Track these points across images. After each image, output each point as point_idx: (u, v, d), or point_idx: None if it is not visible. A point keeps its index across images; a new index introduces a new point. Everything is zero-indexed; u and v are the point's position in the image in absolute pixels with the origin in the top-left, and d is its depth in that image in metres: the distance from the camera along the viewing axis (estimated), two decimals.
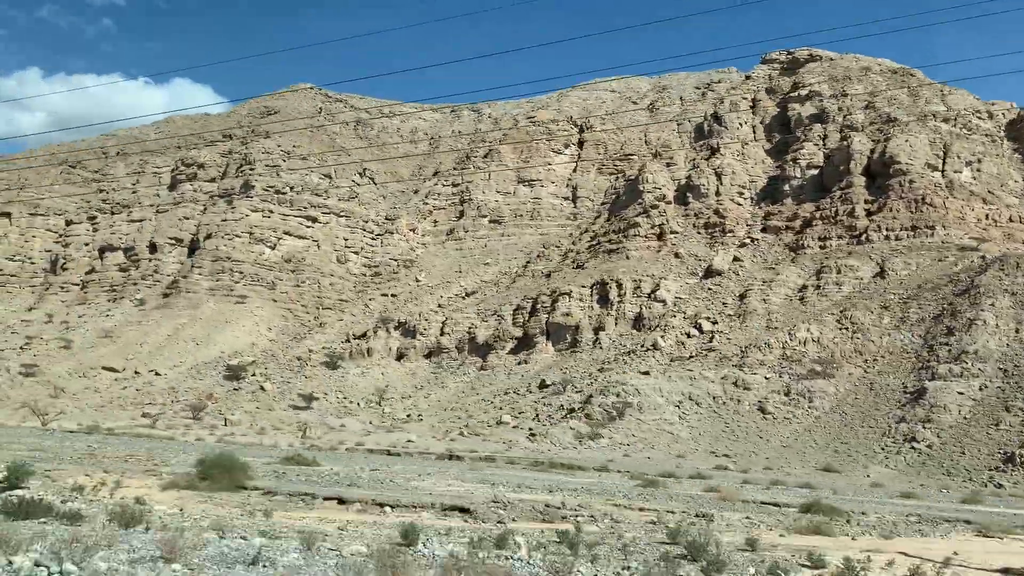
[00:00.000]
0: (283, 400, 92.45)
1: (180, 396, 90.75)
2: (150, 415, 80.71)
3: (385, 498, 24.32)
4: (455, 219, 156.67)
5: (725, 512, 25.86)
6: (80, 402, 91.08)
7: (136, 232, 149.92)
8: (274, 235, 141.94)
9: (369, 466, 37.69)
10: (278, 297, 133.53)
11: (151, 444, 49.86)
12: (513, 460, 45.55)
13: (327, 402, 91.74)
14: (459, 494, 26.07)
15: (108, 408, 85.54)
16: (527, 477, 36.67)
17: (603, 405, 63.59)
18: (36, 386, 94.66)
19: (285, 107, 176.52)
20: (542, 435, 61.14)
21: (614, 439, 59.37)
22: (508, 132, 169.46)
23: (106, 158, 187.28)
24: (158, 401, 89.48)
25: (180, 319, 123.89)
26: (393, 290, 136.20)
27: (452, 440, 62.71)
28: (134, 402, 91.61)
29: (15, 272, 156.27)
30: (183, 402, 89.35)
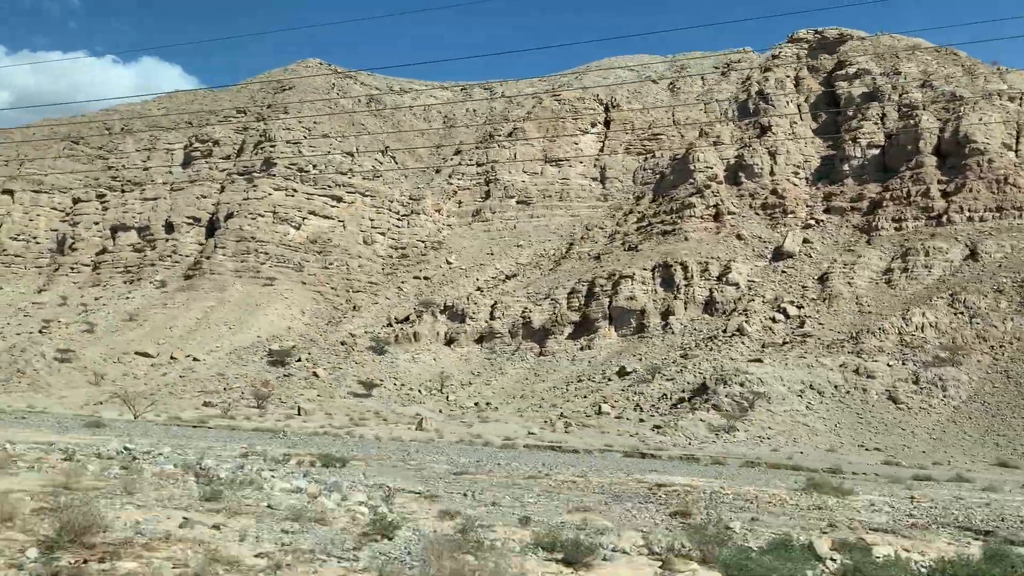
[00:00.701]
0: (339, 387, 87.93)
1: (231, 383, 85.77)
2: (212, 404, 75.80)
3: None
4: (481, 200, 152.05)
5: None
6: (123, 389, 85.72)
7: (150, 211, 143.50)
8: (299, 215, 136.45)
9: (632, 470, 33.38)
10: (307, 279, 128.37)
11: (296, 440, 45.29)
12: (719, 459, 41.60)
13: (386, 389, 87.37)
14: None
15: (157, 396, 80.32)
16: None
17: (732, 396, 60.11)
18: (74, 372, 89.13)
19: (299, 84, 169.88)
20: (670, 428, 57.44)
21: (750, 432, 55.95)
22: (532, 110, 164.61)
23: (110, 134, 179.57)
24: (209, 388, 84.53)
25: (207, 302, 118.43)
26: (424, 272, 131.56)
27: (568, 431, 58.79)
28: (181, 389, 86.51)
29: (20, 252, 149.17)
30: (235, 388, 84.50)
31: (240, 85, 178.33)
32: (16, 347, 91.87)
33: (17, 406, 67.48)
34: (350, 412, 74.97)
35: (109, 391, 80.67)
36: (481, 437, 52.30)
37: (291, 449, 35.01)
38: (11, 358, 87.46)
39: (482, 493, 22.16)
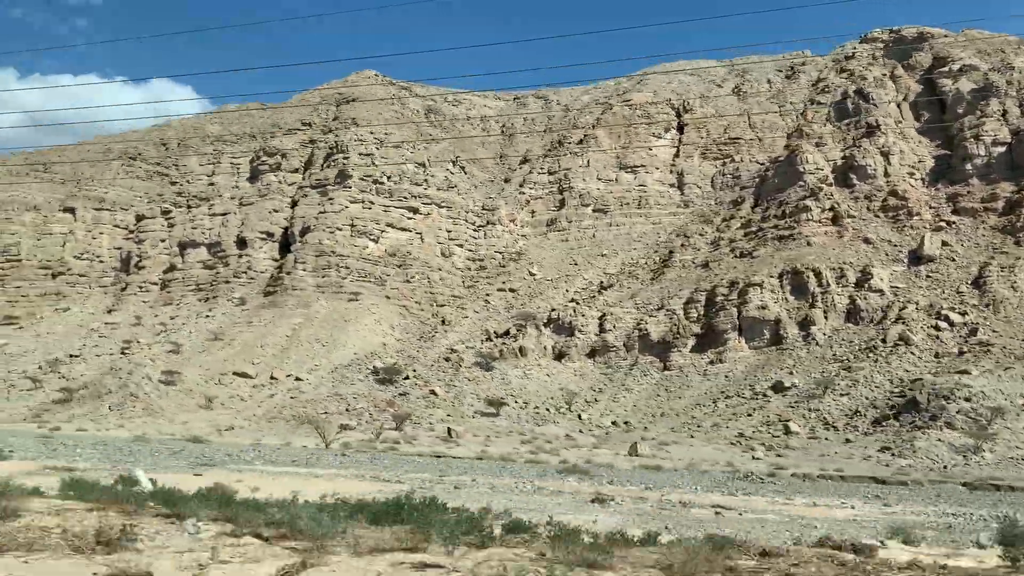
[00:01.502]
0: (460, 405, 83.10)
1: (351, 404, 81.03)
2: (351, 427, 71.03)
3: None
4: (555, 209, 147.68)
5: None
6: (238, 412, 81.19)
7: (220, 226, 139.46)
8: (377, 227, 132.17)
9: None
10: (390, 294, 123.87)
11: (502, 467, 40.50)
12: (1012, 485, 36.64)
13: (511, 408, 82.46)
14: None
15: (281, 419, 75.71)
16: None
17: (964, 412, 55.05)
18: (180, 395, 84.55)
19: (361, 96, 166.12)
20: (906, 449, 52.31)
21: (996, 451, 50.88)
22: (601, 116, 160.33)
23: (166, 149, 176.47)
24: (330, 410, 79.75)
25: (293, 319, 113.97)
26: (509, 284, 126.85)
27: (777, 454, 53.73)
28: (295, 411, 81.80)
29: (83, 271, 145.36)
30: (357, 410, 79.79)
31: (299, 97, 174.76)
32: (122, 370, 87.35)
33: (156, 432, 62.86)
34: (490, 433, 70.12)
35: (227, 413, 76.09)
36: (707, 461, 47.27)
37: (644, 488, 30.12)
38: (119, 381, 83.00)
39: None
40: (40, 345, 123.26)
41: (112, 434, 61.13)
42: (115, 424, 70.98)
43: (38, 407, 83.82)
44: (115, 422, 72.26)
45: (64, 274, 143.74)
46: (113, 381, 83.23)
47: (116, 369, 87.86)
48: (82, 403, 78.75)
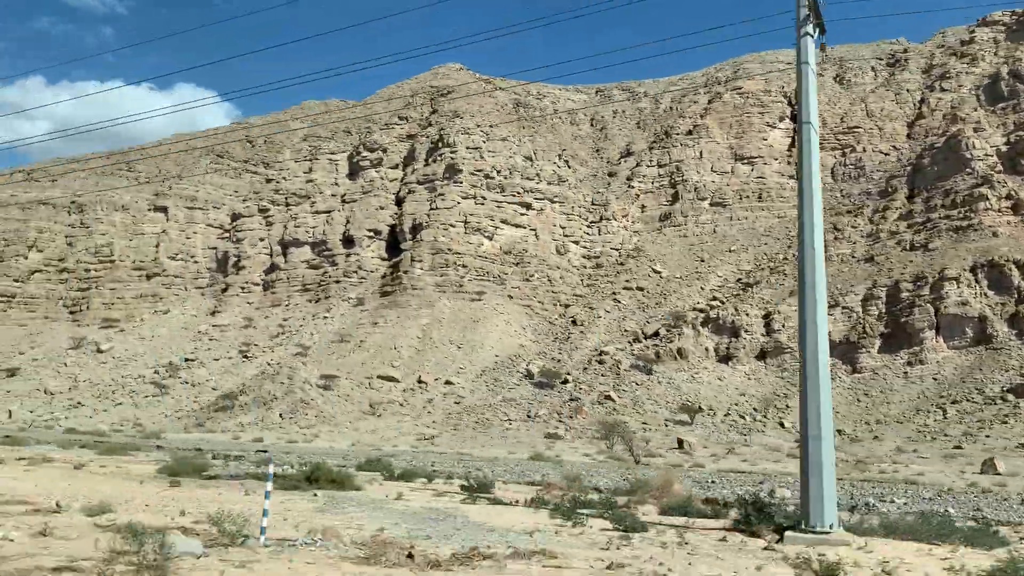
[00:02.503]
0: (642, 412, 76.45)
1: (535, 411, 74.68)
2: (559, 435, 64.64)
3: None
4: (667, 203, 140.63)
5: None
6: (412, 419, 75.17)
7: (325, 225, 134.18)
8: (491, 224, 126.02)
9: None
10: (512, 293, 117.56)
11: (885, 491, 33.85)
12: None
13: (703, 415, 75.64)
14: None
15: (465, 429, 69.56)
16: None
17: None
18: (341, 401, 78.64)
19: (455, 87, 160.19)
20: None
21: None
22: (710, 106, 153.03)
23: (252, 146, 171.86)
24: (512, 417, 73.47)
25: (419, 319, 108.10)
26: (635, 282, 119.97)
27: None
28: (460, 418, 75.65)
29: (178, 272, 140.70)
30: (541, 418, 73.44)
31: (388, 90, 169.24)
32: (279, 375, 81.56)
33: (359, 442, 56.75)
34: (713, 444, 63.36)
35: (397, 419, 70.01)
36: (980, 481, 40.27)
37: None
38: (283, 387, 77.19)
39: None
40: (147, 348, 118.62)
41: (316, 445, 55.18)
42: (299, 433, 65.22)
43: (197, 414, 78.23)
44: (296, 431, 66.52)
45: (159, 275, 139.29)
46: (276, 387, 77.40)
47: (274, 374, 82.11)
48: (246, 410, 73.08)
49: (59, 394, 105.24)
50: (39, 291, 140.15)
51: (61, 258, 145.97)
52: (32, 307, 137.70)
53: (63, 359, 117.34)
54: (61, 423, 79.27)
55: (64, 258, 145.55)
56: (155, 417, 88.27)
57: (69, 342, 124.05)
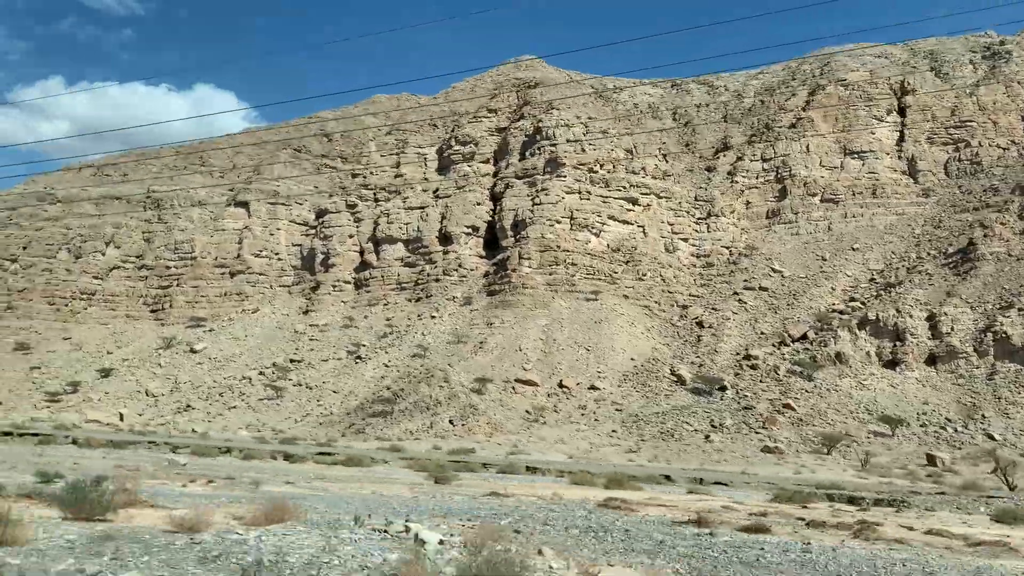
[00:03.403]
0: (831, 424, 69.91)
1: (713, 420, 68.28)
2: (777, 450, 58.34)
3: None
4: (774, 199, 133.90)
5: None
6: (587, 429, 69.05)
7: (419, 221, 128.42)
8: (598, 220, 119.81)
9: None
10: (627, 292, 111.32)
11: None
12: None
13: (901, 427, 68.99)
14: None
15: (652, 440, 63.32)
16: None
17: None
18: (499, 407, 72.59)
19: (541, 79, 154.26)
20: None
21: None
22: (812, 98, 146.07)
23: (329, 141, 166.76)
24: (698, 427, 67.16)
25: (537, 320, 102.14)
26: (756, 282, 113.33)
27: None
28: (637, 427, 69.41)
29: (262, 270, 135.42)
30: (730, 428, 67.10)
31: (468, 83, 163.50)
32: (434, 377, 75.50)
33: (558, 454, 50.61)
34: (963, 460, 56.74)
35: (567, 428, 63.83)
36: None
37: None
38: (445, 391, 71.09)
39: None
40: (243, 348, 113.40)
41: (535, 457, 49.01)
42: (478, 441, 59.22)
43: (344, 419, 72.32)
44: (471, 439, 60.55)
45: (243, 273, 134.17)
46: (435, 391, 71.30)
47: (427, 376, 76.06)
48: (409, 416, 67.05)
49: (161, 396, 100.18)
50: (119, 288, 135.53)
51: (139, 255, 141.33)
52: (113, 305, 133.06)
53: (156, 359, 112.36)
54: (196, 429, 73.80)
55: (143, 255, 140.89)
56: (282, 422, 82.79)
57: (158, 341, 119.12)
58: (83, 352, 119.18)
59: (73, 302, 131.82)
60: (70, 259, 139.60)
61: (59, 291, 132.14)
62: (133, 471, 28.46)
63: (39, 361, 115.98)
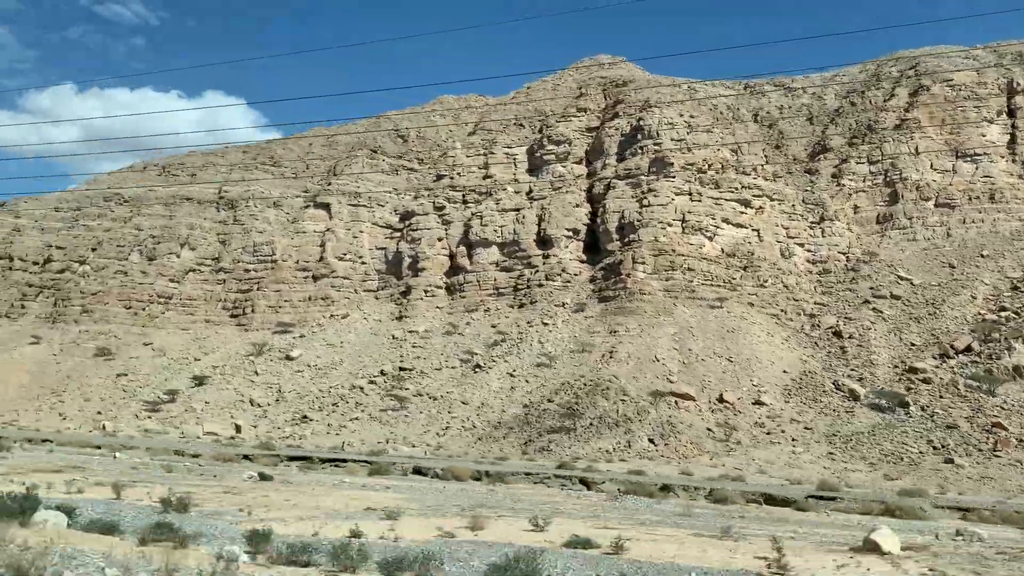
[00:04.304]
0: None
1: (932, 439, 61.76)
2: None
3: None
4: (884, 203, 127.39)
5: None
6: (804, 451, 62.62)
7: (515, 224, 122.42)
8: (711, 223, 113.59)
9: None
10: (753, 300, 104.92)
11: None
12: None
13: None
14: None
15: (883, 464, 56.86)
16: None
17: None
18: (682, 426, 66.09)
19: (628, 78, 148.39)
20: None
21: None
22: (915, 98, 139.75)
23: (404, 142, 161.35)
24: (923, 450, 60.67)
25: (664, 328, 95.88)
26: (887, 289, 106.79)
27: None
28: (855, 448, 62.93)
29: (347, 273, 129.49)
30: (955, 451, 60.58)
31: (544, 83, 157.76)
32: (609, 389, 69.11)
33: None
34: None
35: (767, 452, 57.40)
36: None
37: None
38: (633, 405, 64.61)
39: None
40: (342, 355, 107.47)
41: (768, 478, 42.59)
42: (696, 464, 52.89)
43: (513, 435, 65.87)
44: (679, 461, 54.23)
45: (327, 277, 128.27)
46: (618, 404, 64.91)
47: (602, 388, 69.63)
48: (596, 433, 60.73)
49: (268, 406, 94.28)
50: (196, 292, 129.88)
51: (215, 257, 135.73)
52: (191, 309, 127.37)
53: (250, 366, 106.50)
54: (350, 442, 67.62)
55: (219, 257, 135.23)
56: (421, 435, 76.69)
57: (247, 347, 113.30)
58: (168, 358, 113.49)
59: (150, 306, 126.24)
60: (143, 261, 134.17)
61: (135, 294, 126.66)
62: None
63: (123, 368, 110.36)
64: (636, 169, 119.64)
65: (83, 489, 25.91)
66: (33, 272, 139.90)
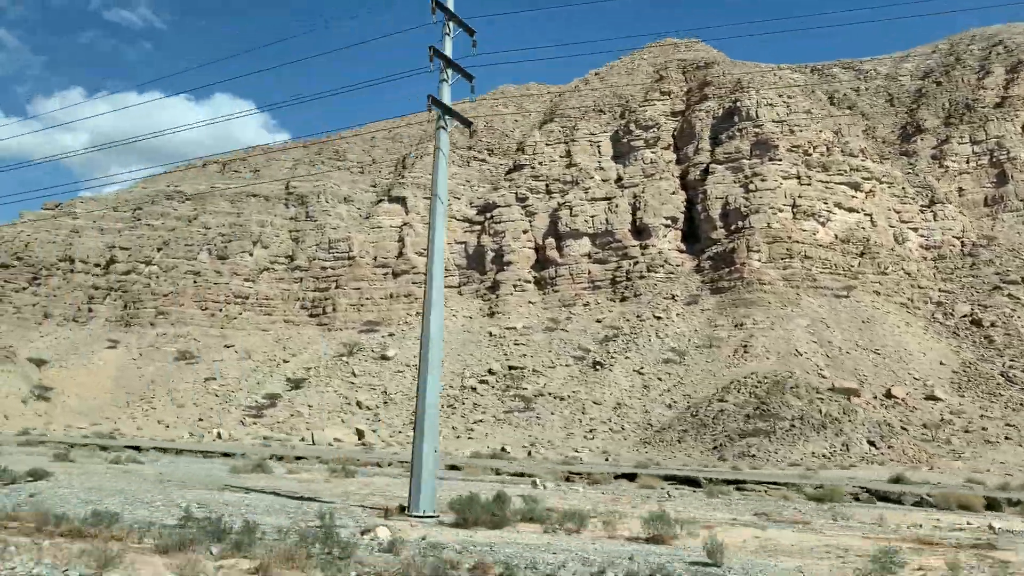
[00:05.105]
0: None
1: None
2: None
3: None
4: (991, 184, 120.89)
5: None
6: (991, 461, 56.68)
7: (606, 213, 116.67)
8: (824, 208, 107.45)
9: None
10: (878, 289, 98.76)
11: None
12: None
13: None
14: None
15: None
16: None
17: None
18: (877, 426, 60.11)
19: (708, 60, 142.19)
20: None
21: None
22: (1014, 77, 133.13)
23: (472, 133, 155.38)
24: None
25: (795, 320, 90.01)
26: (1015, 274, 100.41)
27: None
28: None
29: (427, 270, 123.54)
30: None
31: (612, 67, 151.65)
32: (798, 386, 63.15)
33: None
34: None
35: None
36: None
37: None
38: (837, 406, 58.55)
39: None
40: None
41: None
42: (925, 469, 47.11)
43: (696, 441, 59.93)
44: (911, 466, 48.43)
45: (407, 273, 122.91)
46: (822, 405, 58.90)
47: (792, 385, 63.68)
48: (802, 436, 54.76)
49: (376, 408, 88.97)
50: (272, 291, 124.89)
51: (289, 255, 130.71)
52: (268, 309, 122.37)
53: (346, 368, 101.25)
54: (505, 448, 62.10)
55: (292, 255, 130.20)
56: (566, 439, 71.11)
57: (336, 347, 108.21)
58: (253, 361, 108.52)
59: (227, 306, 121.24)
60: (213, 260, 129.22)
61: (211, 295, 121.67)
62: None
63: (208, 371, 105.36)
64: (736, 152, 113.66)
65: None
66: (96, 274, 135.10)
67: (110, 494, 21.64)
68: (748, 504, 29.27)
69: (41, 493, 20.88)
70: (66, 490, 21.94)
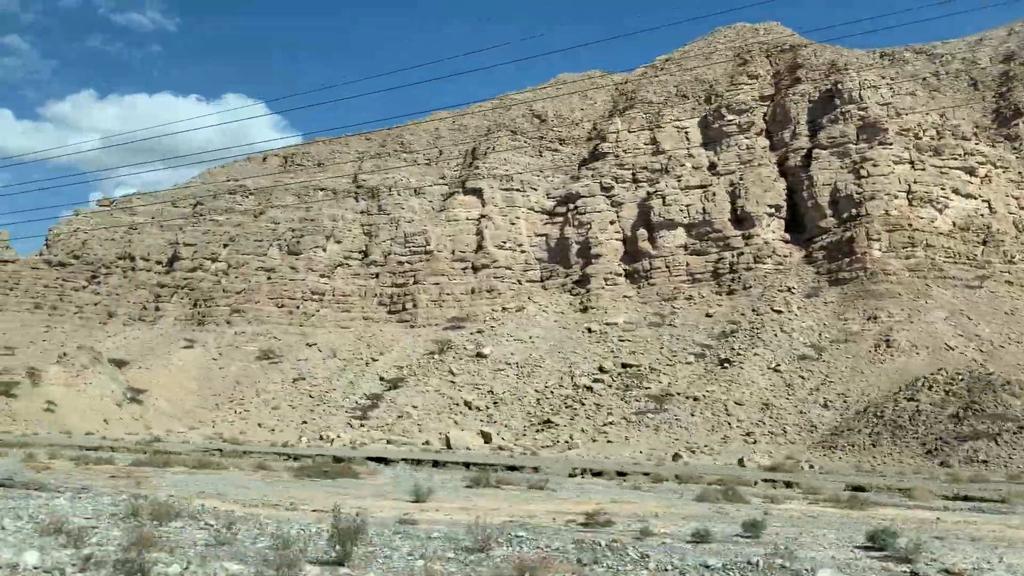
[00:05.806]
0: None
1: None
2: None
3: None
4: None
5: None
6: None
7: (703, 202, 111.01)
8: (941, 194, 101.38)
9: None
10: (1009, 279, 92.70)
11: None
12: None
13: None
14: None
15: None
16: None
17: None
18: None
19: (797, 42, 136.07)
20: None
21: None
22: None
23: (541, 122, 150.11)
24: None
25: (934, 312, 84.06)
26: None
27: None
28: None
29: (507, 264, 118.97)
30: None
31: (684, 50, 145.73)
32: (1006, 385, 57.49)
33: None
34: None
35: None
36: None
37: None
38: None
39: None
40: (539, 352, 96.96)
41: None
42: None
43: (863, 440, 54.28)
44: None
45: (488, 267, 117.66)
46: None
47: (989, 384, 58.04)
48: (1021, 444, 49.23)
49: (486, 409, 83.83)
50: (349, 287, 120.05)
51: (362, 250, 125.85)
52: (346, 306, 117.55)
53: (443, 366, 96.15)
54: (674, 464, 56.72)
55: (366, 249, 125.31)
56: (722, 444, 65.69)
57: (426, 345, 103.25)
58: (339, 360, 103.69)
59: (304, 303, 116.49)
60: (284, 255, 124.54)
61: (287, 292, 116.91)
62: None
63: (295, 372, 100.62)
64: (842, 137, 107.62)
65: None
66: (160, 272, 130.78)
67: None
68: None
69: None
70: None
